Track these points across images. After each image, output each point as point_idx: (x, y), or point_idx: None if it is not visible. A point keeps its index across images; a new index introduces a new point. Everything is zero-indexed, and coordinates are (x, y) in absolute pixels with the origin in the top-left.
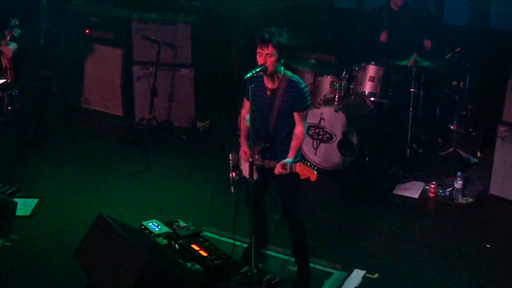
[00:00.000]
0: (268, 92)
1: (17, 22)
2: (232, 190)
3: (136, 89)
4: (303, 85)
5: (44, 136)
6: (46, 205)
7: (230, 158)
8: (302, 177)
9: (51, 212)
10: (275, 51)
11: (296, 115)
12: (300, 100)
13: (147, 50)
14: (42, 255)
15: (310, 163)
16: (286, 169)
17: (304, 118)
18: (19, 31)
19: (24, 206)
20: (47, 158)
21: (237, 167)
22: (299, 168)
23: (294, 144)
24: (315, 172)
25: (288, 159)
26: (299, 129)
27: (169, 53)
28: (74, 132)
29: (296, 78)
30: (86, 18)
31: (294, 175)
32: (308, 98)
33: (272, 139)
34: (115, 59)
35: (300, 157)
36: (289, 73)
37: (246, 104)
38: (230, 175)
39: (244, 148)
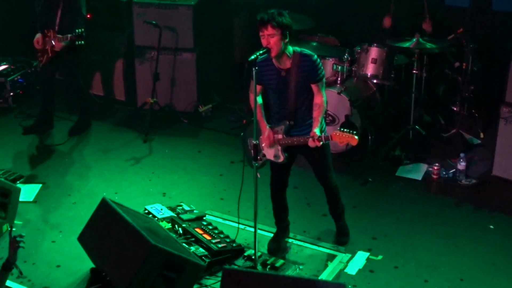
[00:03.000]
0: (283, 73)
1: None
2: (258, 175)
3: (138, 74)
4: (315, 57)
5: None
6: (49, 190)
7: (250, 145)
8: (341, 144)
9: (54, 197)
10: (275, 31)
11: (314, 87)
12: (315, 71)
13: (149, 34)
14: (46, 240)
15: (347, 129)
16: (321, 140)
17: (322, 88)
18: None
19: (28, 191)
20: (50, 143)
21: (259, 153)
22: (335, 137)
23: (316, 114)
24: (355, 136)
25: (316, 130)
26: (319, 99)
27: (171, 37)
28: (76, 117)
29: (306, 51)
30: (87, 3)
31: (321, 148)
32: (322, 68)
33: (295, 116)
34: (116, 44)
35: (325, 125)
36: (297, 49)
37: (257, 88)
38: (253, 162)
39: (266, 132)
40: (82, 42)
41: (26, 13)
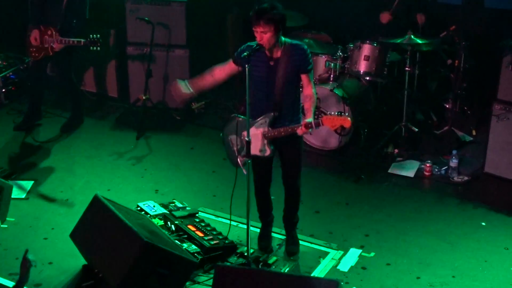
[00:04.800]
0: (272, 63)
1: None
2: (245, 172)
3: (130, 70)
4: (306, 46)
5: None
6: (41, 187)
7: (232, 142)
8: (333, 128)
9: (46, 194)
10: (268, 27)
11: (304, 78)
12: (306, 62)
13: (142, 31)
14: (38, 237)
15: (337, 112)
16: (312, 126)
17: (311, 79)
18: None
19: (20, 188)
20: (42, 140)
21: (242, 149)
22: (326, 121)
23: (308, 105)
24: (348, 117)
25: (309, 119)
26: (309, 91)
27: (164, 33)
28: (68, 113)
29: (297, 42)
30: None
31: (299, 145)
32: (311, 59)
33: (280, 107)
34: (109, 40)
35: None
36: (288, 40)
37: (228, 64)
38: (238, 159)
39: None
40: (98, 48)
41: (18, 9)
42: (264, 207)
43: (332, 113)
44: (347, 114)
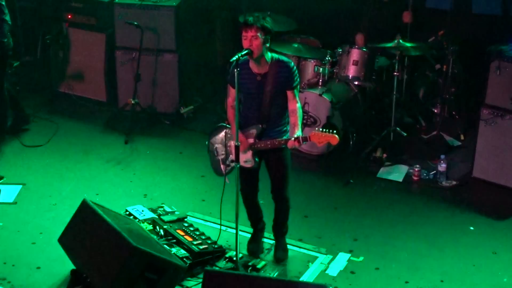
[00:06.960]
0: (258, 78)
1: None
2: (227, 181)
3: (119, 75)
4: (292, 64)
5: (23, 122)
6: (30, 192)
7: (217, 151)
8: (320, 145)
9: (35, 198)
10: (259, 33)
11: (289, 93)
12: (292, 79)
13: (130, 35)
14: (26, 241)
15: (324, 129)
16: (300, 141)
17: (297, 95)
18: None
19: (8, 192)
20: (30, 144)
21: (227, 158)
22: (314, 137)
23: (294, 120)
24: (335, 135)
25: (297, 132)
26: (295, 105)
27: (153, 38)
28: (57, 118)
29: (283, 58)
30: (67, 3)
31: (285, 158)
32: (298, 75)
33: (267, 121)
34: (98, 44)
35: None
36: (275, 55)
37: (232, 92)
38: (222, 167)
39: (240, 138)
40: (10, 53)
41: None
42: (253, 215)
43: (321, 129)
44: (335, 131)
